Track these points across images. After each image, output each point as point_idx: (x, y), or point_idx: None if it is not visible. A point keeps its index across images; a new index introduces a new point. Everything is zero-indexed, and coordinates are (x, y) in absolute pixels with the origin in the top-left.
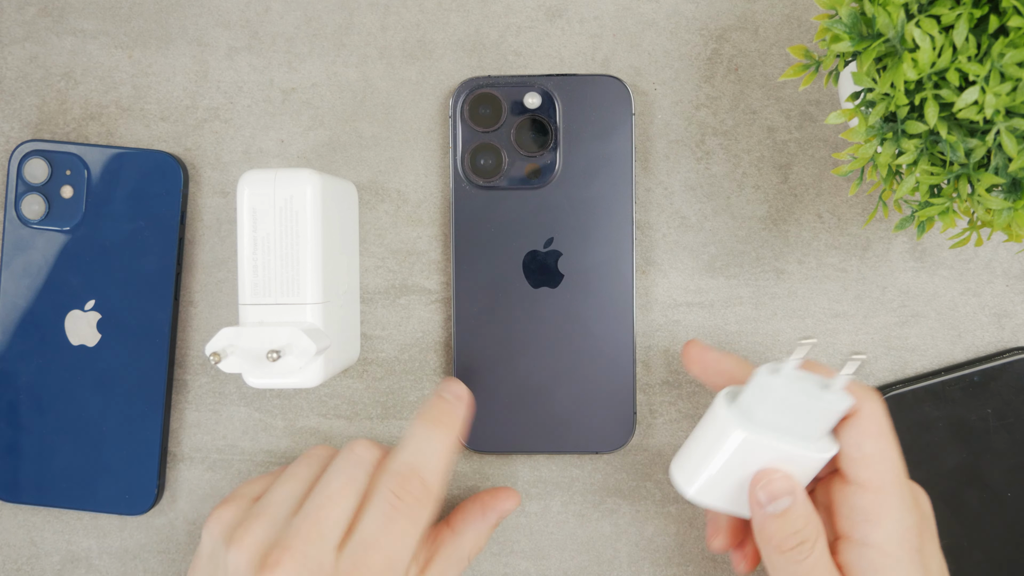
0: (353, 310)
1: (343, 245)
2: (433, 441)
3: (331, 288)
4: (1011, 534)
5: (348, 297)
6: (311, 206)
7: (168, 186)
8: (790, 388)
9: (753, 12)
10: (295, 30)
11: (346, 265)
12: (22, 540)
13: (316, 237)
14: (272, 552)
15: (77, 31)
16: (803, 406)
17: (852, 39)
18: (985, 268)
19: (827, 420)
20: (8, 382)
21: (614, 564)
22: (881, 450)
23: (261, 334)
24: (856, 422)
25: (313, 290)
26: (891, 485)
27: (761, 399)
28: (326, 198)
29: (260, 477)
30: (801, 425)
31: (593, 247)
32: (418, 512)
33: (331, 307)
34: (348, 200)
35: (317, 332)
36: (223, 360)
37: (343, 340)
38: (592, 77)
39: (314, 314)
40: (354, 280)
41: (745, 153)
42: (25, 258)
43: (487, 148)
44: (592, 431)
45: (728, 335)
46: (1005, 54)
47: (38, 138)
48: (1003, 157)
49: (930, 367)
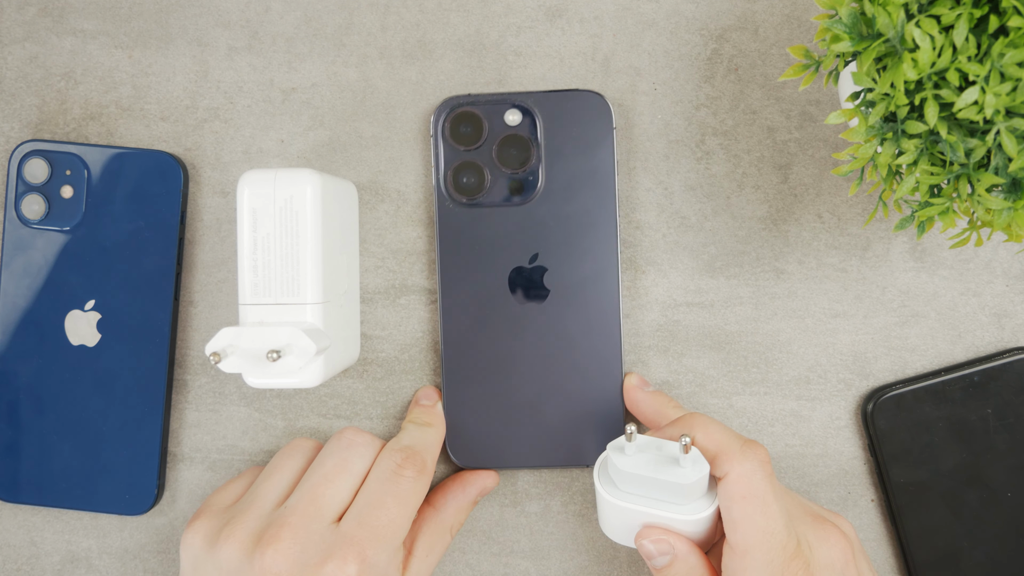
0: (353, 310)
1: (343, 245)
2: (427, 433)
3: (331, 288)
4: (1011, 534)
5: (348, 297)
6: (311, 206)
7: (168, 186)
8: (636, 464)
9: (753, 12)
10: (295, 30)
11: (346, 265)
12: (22, 540)
13: (316, 237)
14: (268, 530)
15: (77, 31)
16: (657, 478)
17: (852, 39)
18: (985, 268)
19: (689, 486)
20: (8, 382)
21: (614, 564)
22: (747, 515)
23: (261, 334)
24: (724, 486)
25: (313, 290)
26: (755, 549)
27: (616, 473)
28: (326, 198)
29: (227, 484)
30: (664, 492)
31: (578, 262)
32: (419, 485)
33: (331, 307)
34: (348, 200)
35: (317, 332)
36: (223, 360)
37: (343, 340)
38: (572, 92)
39: (314, 314)
40: (354, 280)
41: (745, 153)
42: (25, 258)
43: (469, 166)
44: (581, 445)
45: (728, 335)
46: (1005, 54)
47: (38, 138)
48: (1003, 157)
49: (930, 367)
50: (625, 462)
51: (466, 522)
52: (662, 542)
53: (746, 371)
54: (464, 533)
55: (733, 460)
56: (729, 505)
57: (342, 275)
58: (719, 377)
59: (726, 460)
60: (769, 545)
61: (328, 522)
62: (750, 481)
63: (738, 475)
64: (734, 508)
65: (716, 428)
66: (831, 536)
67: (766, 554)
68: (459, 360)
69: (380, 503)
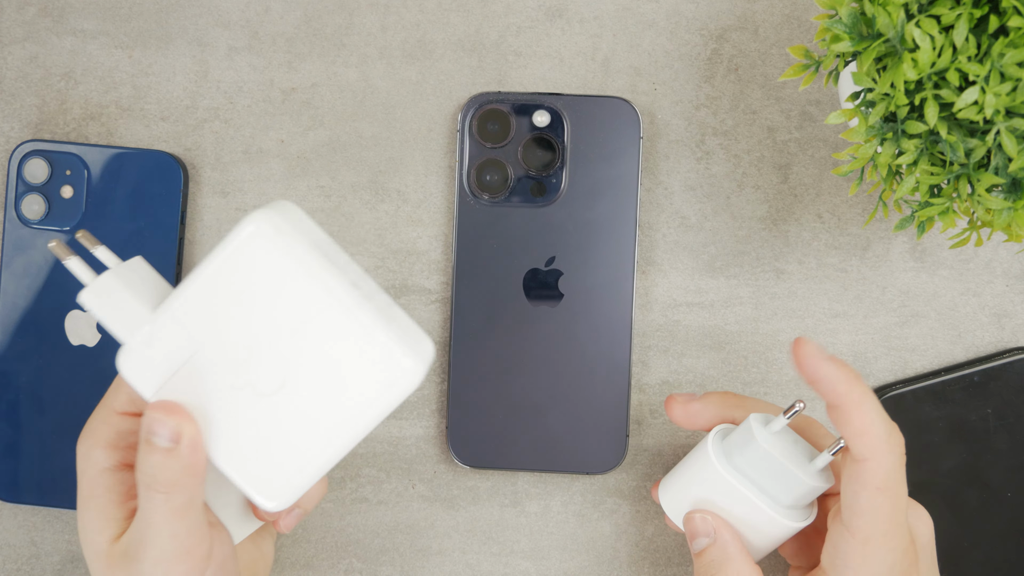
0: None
1: (345, 270)
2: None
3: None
4: (1011, 534)
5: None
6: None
7: (168, 186)
8: (773, 447)
9: (753, 12)
10: (295, 30)
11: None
12: (22, 540)
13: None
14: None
15: (77, 31)
16: (781, 470)
17: (852, 39)
18: (985, 268)
19: (802, 493)
20: (8, 382)
21: (614, 564)
22: (876, 505)
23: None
24: (859, 471)
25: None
26: (880, 537)
27: (743, 446)
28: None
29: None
30: (775, 486)
31: (594, 268)
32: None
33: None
34: (301, 227)
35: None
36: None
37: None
38: (602, 99)
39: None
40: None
41: (745, 153)
42: (25, 258)
43: (494, 164)
44: (583, 451)
45: (728, 335)
46: (1005, 54)
47: (38, 138)
48: (1003, 157)
49: (930, 367)
50: (765, 436)
51: (466, 522)
52: (707, 522)
53: (746, 371)
54: (464, 533)
55: (879, 449)
56: (858, 490)
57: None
58: (719, 377)
59: (870, 445)
60: (892, 535)
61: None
62: (889, 475)
63: (879, 466)
64: (864, 495)
65: (871, 406)
66: (923, 515)
67: (888, 543)
68: (467, 358)
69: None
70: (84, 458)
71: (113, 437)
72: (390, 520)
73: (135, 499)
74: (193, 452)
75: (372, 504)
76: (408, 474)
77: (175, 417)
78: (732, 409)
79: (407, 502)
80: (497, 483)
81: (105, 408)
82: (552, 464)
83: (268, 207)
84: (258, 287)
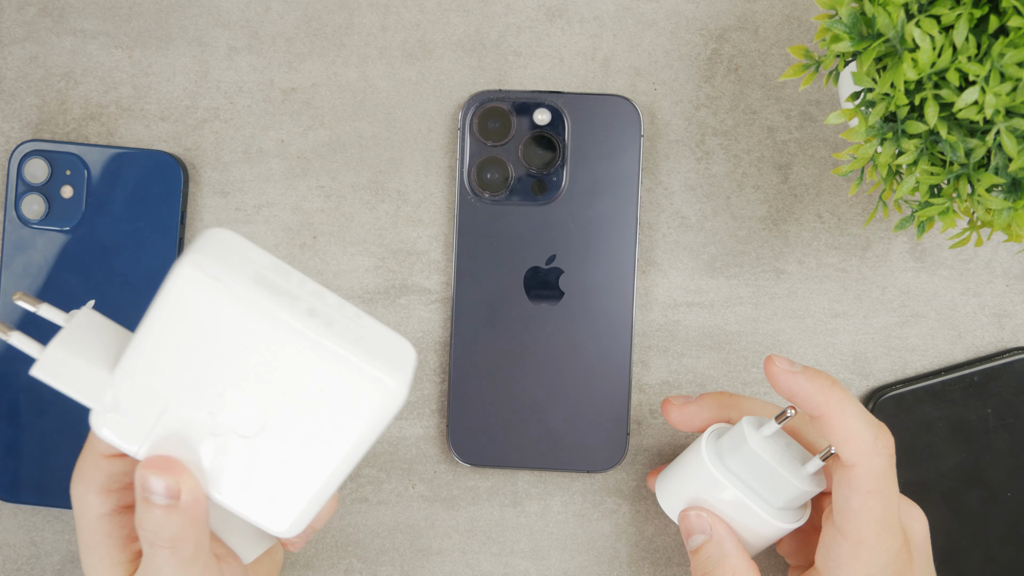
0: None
1: (298, 295)
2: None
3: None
4: (1011, 534)
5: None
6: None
7: (168, 186)
8: (763, 450)
9: (753, 12)
10: (295, 30)
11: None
12: (22, 540)
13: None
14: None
15: (77, 31)
16: (771, 474)
17: (852, 39)
18: (985, 268)
19: (792, 496)
20: (8, 382)
21: (614, 564)
22: (867, 508)
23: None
24: (848, 475)
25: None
26: (872, 540)
27: (734, 449)
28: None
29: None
30: (766, 489)
31: (595, 266)
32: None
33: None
34: (238, 258)
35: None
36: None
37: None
38: (603, 97)
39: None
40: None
41: (745, 153)
42: (25, 258)
43: (494, 162)
44: (584, 450)
45: (728, 335)
46: (1005, 54)
47: (38, 138)
48: (1003, 157)
49: (930, 367)
50: (756, 439)
51: (466, 522)
52: (703, 519)
53: (746, 371)
54: (464, 533)
55: (866, 454)
56: (849, 495)
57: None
58: (719, 377)
59: (857, 451)
60: (884, 536)
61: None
62: (879, 478)
63: (868, 470)
64: (855, 499)
65: (852, 412)
66: (917, 514)
67: (880, 544)
68: (467, 356)
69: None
70: (79, 503)
71: (105, 481)
72: (390, 520)
73: (137, 541)
74: (194, 505)
75: (372, 504)
76: (408, 474)
77: (170, 473)
78: (728, 409)
79: (407, 502)
80: (497, 483)
81: (92, 452)
82: (553, 463)
83: (196, 248)
84: (207, 334)
